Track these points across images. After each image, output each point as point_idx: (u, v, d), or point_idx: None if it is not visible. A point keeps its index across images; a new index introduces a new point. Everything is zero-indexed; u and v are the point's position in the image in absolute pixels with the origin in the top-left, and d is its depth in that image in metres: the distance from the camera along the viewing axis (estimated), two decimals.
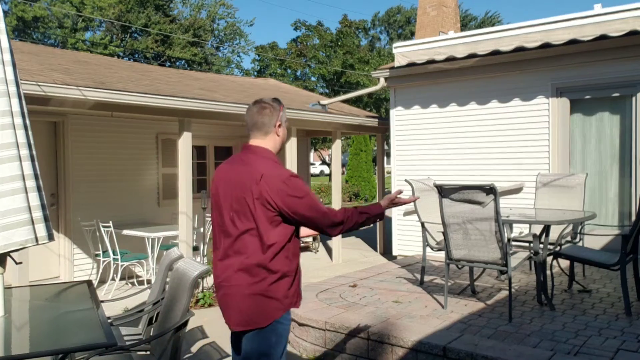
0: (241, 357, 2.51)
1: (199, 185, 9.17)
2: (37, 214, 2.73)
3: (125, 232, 7.16)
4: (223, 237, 2.55)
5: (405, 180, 6.23)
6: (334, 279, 6.22)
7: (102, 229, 6.87)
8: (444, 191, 4.56)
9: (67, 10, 27.97)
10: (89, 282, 3.54)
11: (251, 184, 2.44)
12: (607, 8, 6.40)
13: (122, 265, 6.97)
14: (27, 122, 2.80)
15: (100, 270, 7.32)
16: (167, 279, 3.44)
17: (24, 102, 2.80)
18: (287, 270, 2.49)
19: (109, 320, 3.07)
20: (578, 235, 5.69)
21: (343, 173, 25.98)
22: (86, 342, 2.46)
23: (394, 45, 8.26)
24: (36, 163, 2.80)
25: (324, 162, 36.73)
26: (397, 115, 8.57)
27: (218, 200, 2.59)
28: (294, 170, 8.47)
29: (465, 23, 35.50)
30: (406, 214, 8.39)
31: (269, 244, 2.43)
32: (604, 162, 6.94)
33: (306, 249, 10.42)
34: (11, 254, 2.80)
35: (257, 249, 2.43)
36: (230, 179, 2.55)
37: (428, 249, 5.75)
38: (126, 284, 7.49)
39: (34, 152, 2.80)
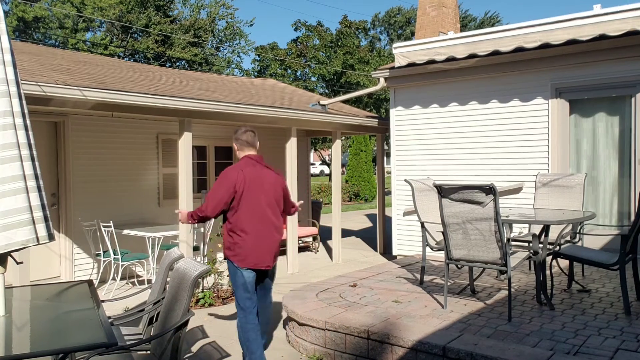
0: (270, 279, 4.29)
1: (199, 185, 9.18)
2: (38, 214, 2.74)
3: (126, 232, 7.18)
4: (269, 212, 4.12)
5: (405, 180, 6.24)
6: (334, 278, 6.23)
7: (102, 228, 6.88)
8: (443, 191, 4.57)
9: (68, 10, 27.99)
10: (89, 282, 3.55)
11: (277, 181, 4.23)
12: (607, 8, 6.40)
13: (122, 265, 6.98)
14: (28, 122, 2.81)
15: (101, 270, 7.33)
16: (168, 279, 3.45)
17: (24, 102, 2.81)
18: None
19: (110, 320, 3.08)
20: (577, 235, 5.70)
21: (343, 173, 25.99)
22: (87, 341, 2.47)
23: (394, 45, 8.27)
24: (37, 163, 2.81)
25: (324, 162, 36.73)
26: (397, 116, 8.58)
27: (253, 190, 4.06)
28: (294, 170, 8.48)
29: (465, 23, 35.51)
30: (406, 214, 8.40)
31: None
32: (603, 162, 6.95)
33: (306, 248, 10.43)
34: (12, 253, 2.81)
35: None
36: (261, 177, 4.12)
37: (428, 249, 5.76)
38: (127, 283, 7.50)
39: (35, 153, 2.81)
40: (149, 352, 3.31)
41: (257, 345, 4.00)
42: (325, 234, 11.46)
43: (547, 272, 5.16)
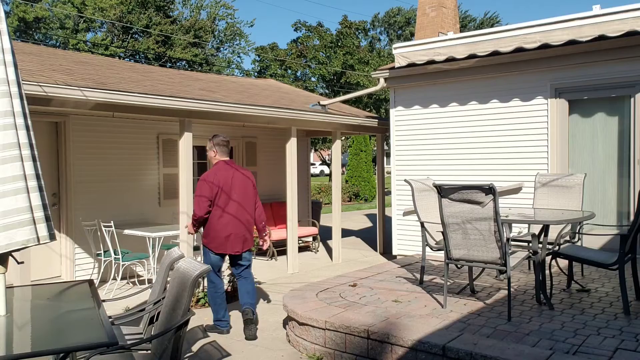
0: (247, 263, 5.26)
1: None
2: (39, 214, 2.75)
3: (127, 231, 7.19)
4: (239, 208, 5.11)
5: (405, 181, 6.24)
6: (334, 278, 6.23)
7: (103, 228, 6.89)
8: (443, 191, 4.58)
9: (69, 11, 28.01)
10: (90, 282, 3.56)
11: (247, 180, 5.21)
12: (606, 9, 6.41)
13: (123, 265, 6.99)
14: (29, 122, 2.82)
15: (102, 270, 7.35)
16: (168, 279, 3.46)
17: (25, 102, 2.82)
18: None
19: (110, 320, 3.08)
20: (577, 235, 5.71)
21: (343, 173, 25.99)
22: (87, 341, 2.47)
23: (394, 46, 8.28)
24: (38, 163, 2.82)
25: (324, 162, 36.74)
26: (397, 116, 8.59)
27: (226, 189, 5.04)
28: (294, 170, 8.49)
29: (465, 24, 35.53)
30: (406, 214, 8.41)
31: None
32: (602, 162, 6.96)
33: (306, 248, 10.44)
34: (13, 253, 2.81)
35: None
36: (233, 178, 5.11)
37: (427, 249, 5.77)
38: (127, 283, 7.51)
39: (36, 153, 2.81)
40: (149, 351, 3.32)
41: (222, 307, 5.24)
42: (325, 234, 11.47)
43: (547, 271, 5.17)
